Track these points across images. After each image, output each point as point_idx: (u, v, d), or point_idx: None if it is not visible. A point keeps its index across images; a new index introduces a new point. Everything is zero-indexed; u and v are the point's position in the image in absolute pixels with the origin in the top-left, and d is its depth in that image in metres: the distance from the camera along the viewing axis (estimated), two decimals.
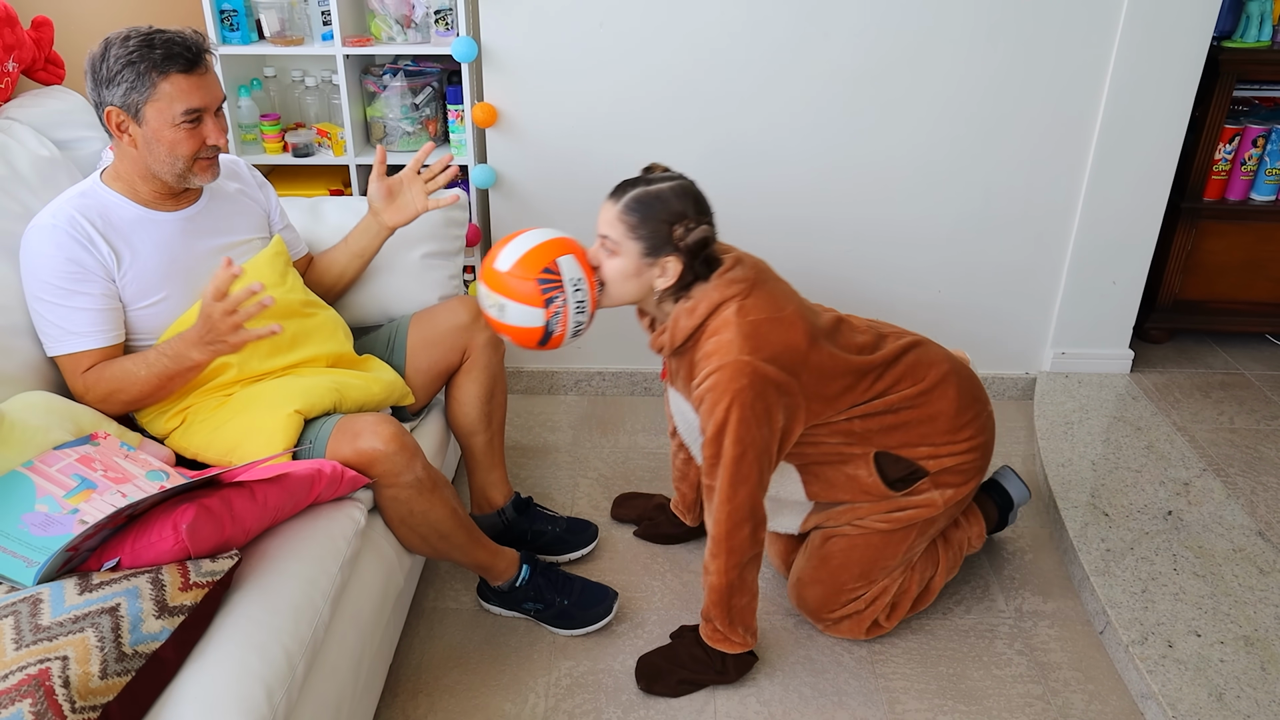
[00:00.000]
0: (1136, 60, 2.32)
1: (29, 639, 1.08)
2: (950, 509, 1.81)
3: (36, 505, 1.27)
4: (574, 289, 1.57)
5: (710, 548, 1.66)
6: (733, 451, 1.56)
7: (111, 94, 1.50)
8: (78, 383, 1.55)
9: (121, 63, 1.48)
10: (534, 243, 1.58)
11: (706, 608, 1.71)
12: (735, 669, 1.76)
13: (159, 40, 1.49)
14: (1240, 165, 2.71)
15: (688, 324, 1.61)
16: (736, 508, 1.60)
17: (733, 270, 1.61)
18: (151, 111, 1.51)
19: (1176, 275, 2.82)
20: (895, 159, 2.44)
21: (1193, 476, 2.26)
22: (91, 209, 1.56)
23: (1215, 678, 1.68)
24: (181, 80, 1.50)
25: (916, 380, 1.73)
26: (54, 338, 1.54)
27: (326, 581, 1.38)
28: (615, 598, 1.89)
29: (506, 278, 1.57)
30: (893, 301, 2.56)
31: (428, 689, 1.75)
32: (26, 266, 1.55)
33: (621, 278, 1.60)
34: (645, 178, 1.61)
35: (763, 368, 1.54)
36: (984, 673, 1.81)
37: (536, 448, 2.49)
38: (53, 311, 1.53)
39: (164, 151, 1.54)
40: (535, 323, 1.57)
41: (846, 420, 1.70)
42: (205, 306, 1.44)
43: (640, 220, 1.55)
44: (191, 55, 1.51)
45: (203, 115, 1.54)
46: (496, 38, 2.32)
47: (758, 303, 1.59)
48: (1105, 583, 1.91)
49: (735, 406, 1.54)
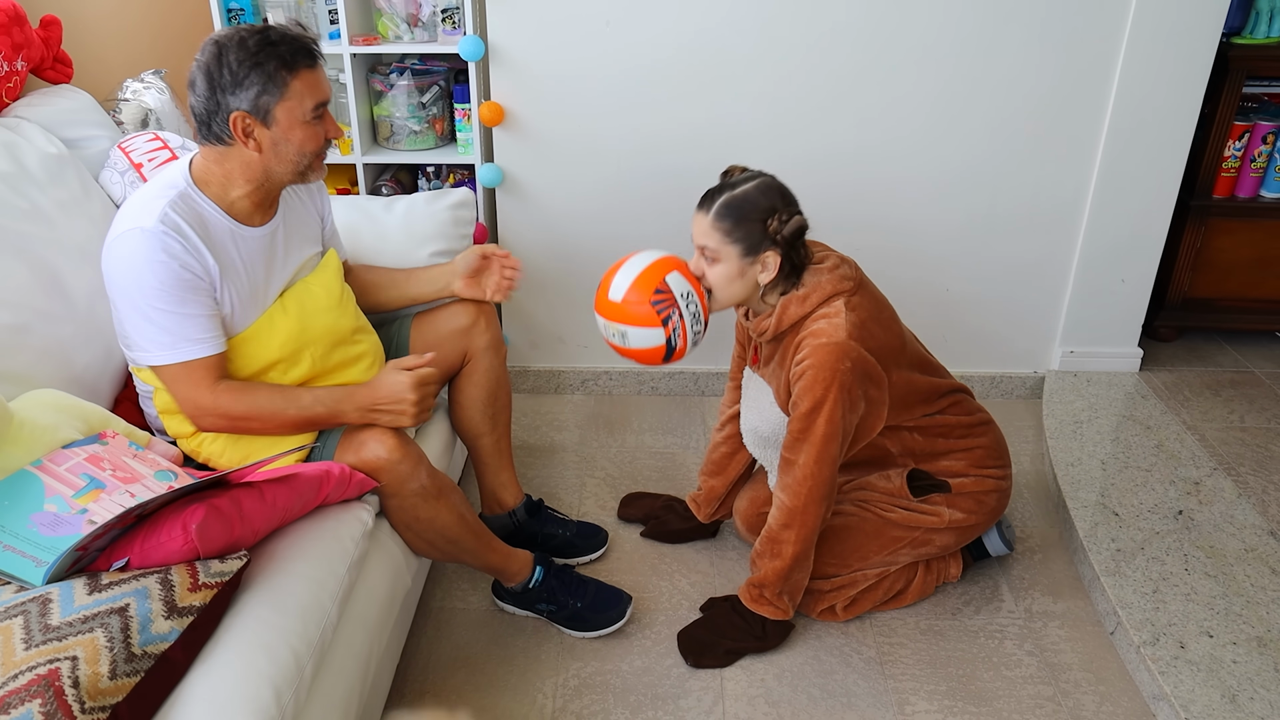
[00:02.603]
0: (1145, 57, 2.30)
1: (38, 639, 1.08)
2: (949, 532, 1.86)
3: (45, 505, 1.26)
4: (686, 303, 1.65)
5: (782, 519, 1.73)
6: (825, 430, 1.64)
7: (238, 99, 1.43)
8: (204, 395, 1.48)
9: (246, 65, 1.42)
10: (640, 267, 1.66)
11: (763, 575, 1.78)
12: (776, 634, 1.83)
13: (278, 37, 1.44)
14: (1250, 162, 2.70)
15: (798, 311, 1.67)
16: (820, 484, 1.68)
17: (841, 268, 1.69)
18: (282, 111, 1.46)
19: (1186, 273, 2.80)
20: (902, 157, 2.43)
21: (1203, 476, 2.24)
22: (192, 215, 1.47)
23: (1228, 679, 1.67)
24: (309, 75, 1.47)
25: (967, 413, 1.86)
26: (166, 345, 1.46)
27: (335, 583, 1.37)
28: (629, 602, 1.88)
29: (623, 306, 1.66)
30: (900, 300, 2.52)
31: (435, 689, 1.75)
32: (128, 272, 1.44)
33: (727, 281, 1.66)
34: (727, 182, 1.67)
35: (866, 356, 1.63)
36: (994, 674, 1.80)
37: (543, 447, 2.49)
38: (166, 318, 1.44)
39: (293, 150, 1.49)
40: (657, 342, 1.66)
41: (909, 431, 1.80)
42: (401, 388, 1.54)
43: (734, 224, 1.61)
44: (310, 50, 1.48)
45: (324, 108, 1.51)
46: (504, 37, 2.32)
47: (864, 301, 1.68)
48: (1116, 583, 1.90)
49: (836, 387, 1.61)
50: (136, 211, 1.46)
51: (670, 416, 2.64)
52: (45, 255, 1.66)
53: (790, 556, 1.74)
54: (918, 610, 1.94)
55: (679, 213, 2.47)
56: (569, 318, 2.66)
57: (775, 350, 1.74)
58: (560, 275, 2.59)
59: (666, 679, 1.78)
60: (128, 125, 2.15)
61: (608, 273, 1.70)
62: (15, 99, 1.92)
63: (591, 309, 1.75)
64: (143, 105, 2.19)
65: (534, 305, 2.64)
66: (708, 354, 2.67)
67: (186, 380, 1.49)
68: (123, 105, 2.17)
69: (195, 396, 1.49)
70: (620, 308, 1.66)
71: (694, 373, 2.71)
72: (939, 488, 1.85)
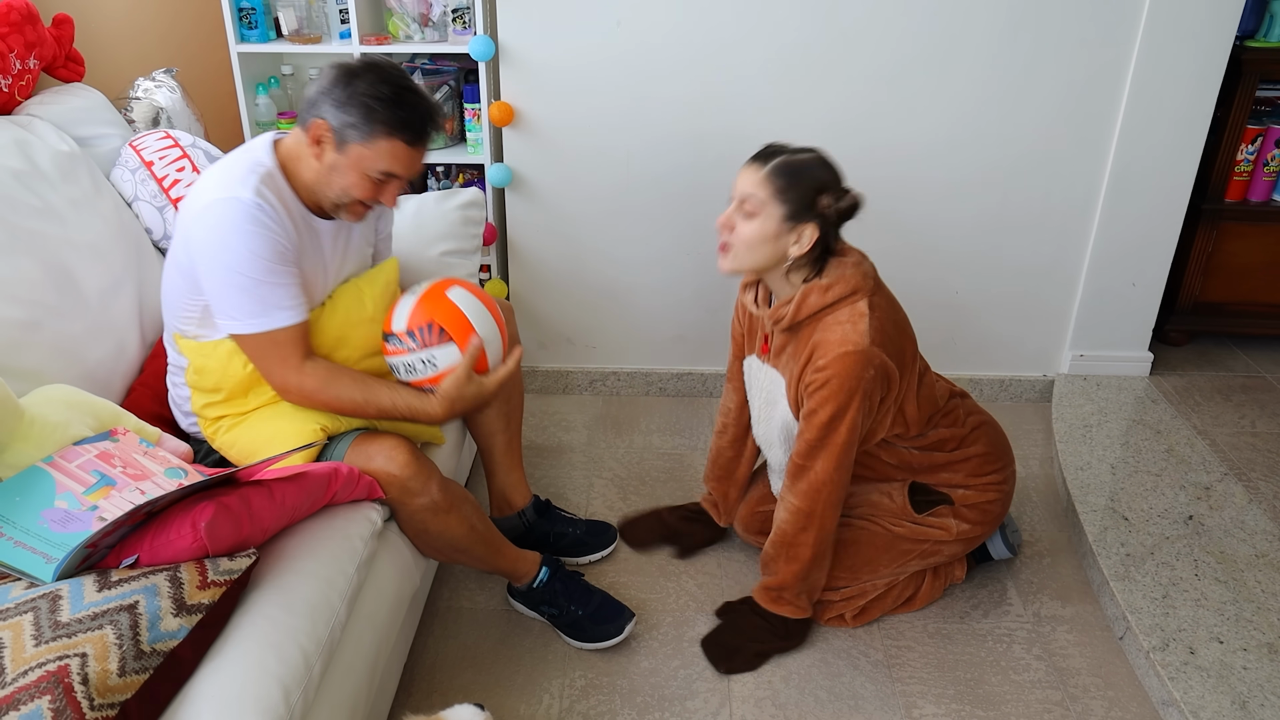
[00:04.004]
0: (1158, 60, 2.29)
1: (48, 635, 1.08)
2: (957, 543, 1.86)
3: (56, 501, 1.27)
4: (467, 305, 1.59)
5: (798, 522, 1.72)
6: (846, 437, 1.63)
7: (333, 114, 1.46)
8: (290, 373, 1.50)
9: (362, 99, 1.44)
10: (413, 299, 1.59)
11: (781, 578, 1.77)
12: (799, 632, 1.83)
13: (409, 101, 1.47)
14: (1263, 166, 2.69)
15: (818, 301, 1.63)
16: (837, 488, 1.69)
17: (864, 264, 1.67)
18: (357, 150, 1.47)
19: (1197, 277, 2.79)
20: (913, 159, 2.42)
21: (1214, 481, 2.23)
22: (277, 194, 1.50)
23: (1238, 685, 1.66)
24: (401, 148, 1.48)
25: (960, 421, 1.82)
26: (256, 313, 1.47)
27: (343, 581, 1.37)
28: (631, 619, 1.84)
29: (410, 335, 1.57)
30: (909, 302, 2.52)
31: (442, 689, 1.75)
32: (221, 239, 1.45)
33: (758, 240, 1.60)
34: (785, 146, 1.61)
35: (887, 361, 1.61)
36: (1002, 678, 1.79)
37: (551, 448, 2.49)
38: (258, 287, 1.46)
39: (339, 183, 1.51)
40: (455, 358, 1.58)
41: (905, 447, 1.78)
42: (485, 392, 1.58)
43: (789, 184, 1.56)
44: (424, 132, 1.49)
45: (396, 178, 1.52)
46: (514, 36, 2.32)
47: (883, 301, 1.66)
48: (1125, 588, 1.89)
49: (859, 395, 1.59)
50: (226, 182, 1.48)
51: (678, 417, 2.63)
52: (57, 252, 1.67)
53: (808, 559, 1.74)
54: (925, 613, 1.94)
55: (689, 213, 2.47)
56: (577, 318, 2.66)
57: (789, 340, 1.71)
58: (569, 275, 2.59)
59: (673, 680, 1.77)
60: (139, 123, 2.16)
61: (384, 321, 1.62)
62: (28, 97, 1.93)
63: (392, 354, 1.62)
64: (154, 103, 2.20)
65: (542, 306, 2.64)
66: (717, 354, 2.66)
67: (275, 354, 1.50)
68: (134, 103, 2.18)
69: (283, 373, 1.51)
70: (409, 337, 1.57)
71: (702, 374, 2.71)
72: (942, 500, 1.84)
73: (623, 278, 2.59)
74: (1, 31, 1.82)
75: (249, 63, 2.51)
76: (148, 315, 1.85)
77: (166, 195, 1.96)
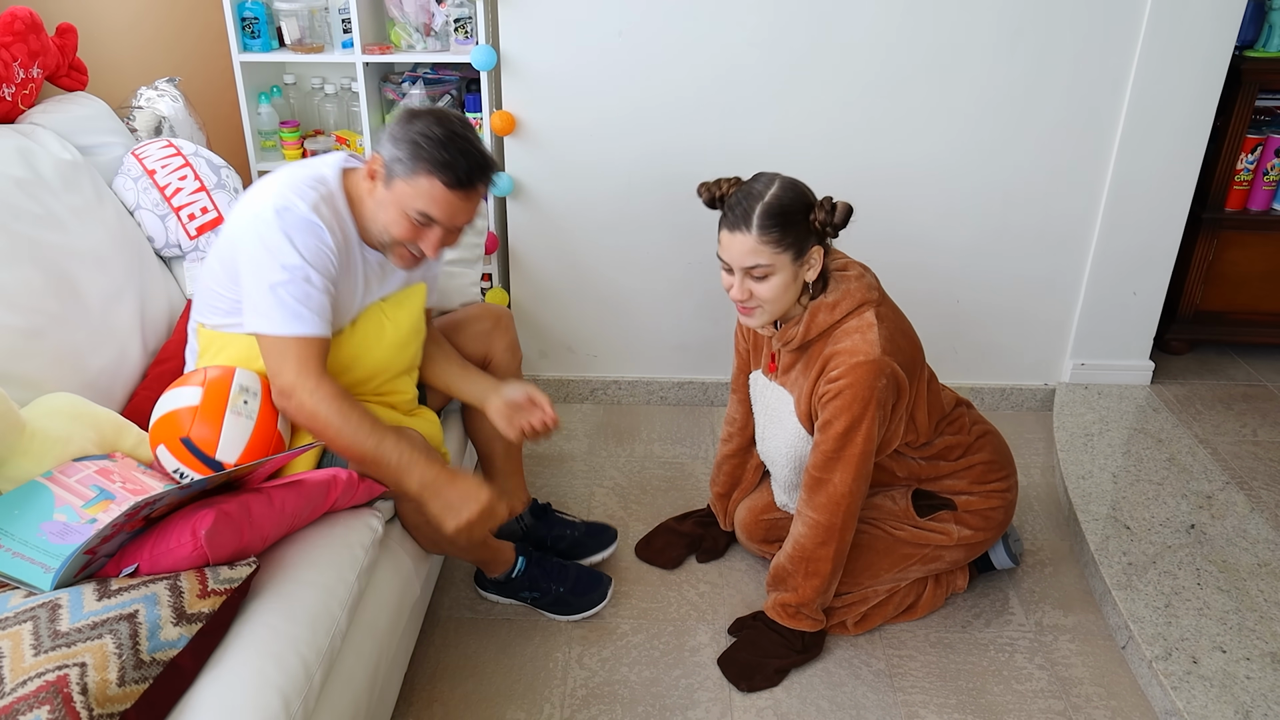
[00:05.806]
0: (1158, 70, 2.30)
1: (47, 644, 1.08)
2: (958, 549, 1.86)
3: (55, 514, 1.27)
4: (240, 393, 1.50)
5: (818, 537, 1.71)
6: (862, 448, 1.63)
7: (388, 148, 1.49)
8: (306, 385, 1.46)
9: (413, 136, 1.46)
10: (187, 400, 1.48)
11: (801, 595, 1.77)
12: (815, 644, 1.83)
13: (457, 144, 1.47)
14: (1262, 175, 2.69)
15: (827, 319, 1.64)
16: (855, 499, 1.69)
17: (866, 275, 1.67)
18: (400, 188, 1.49)
19: (1197, 286, 2.79)
20: (914, 169, 2.43)
21: (1215, 489, 2.23)
22: (334, 213, 1.52)
23: (1241, 695, 1.65)
24: (440, 190, 1.48)
25: (965, 430, 1.83)
26: (290, 315, 1.46)
27: (344, 590, 1.37)
28: (610, 583, 1.92)
29: (200, 423, 1.45)
30: (911, 312, 2.52)
31: (443, 698, 1.74)
32: (269, 241, 1.45)
33: (782, 291, 1.60)
34: (749, 191, 1.58)
35: (898, 370, 1.61)
36: (1004, 687, 1.79)
37: (552, 456, 2.49)
38: (296, 289, 1.46)
39: (383, 219, 1.53)
40: (249, 429, 1.48)
41: (912, 458, 1.79)
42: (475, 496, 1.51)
43: (782, 229, 1.55)
44: (465, 178, 1.48)
45: (435, 224, 1.52)
46: (516, 46, 2.33)
47: (889, 312, 1.66)
48: (1127, 597, 1.88)
49: (873, 404, 1.60)
50: (287, 191, 1.49)
51: (679, 426, 2.63)
52: (59, 260, 1.67)
53: (828, 574, 1.74)
54: (927, 623, 1.93)
55: (689, 223, 2.47)
56: (579, 327, 2.66)
57: (798, 359, 1.72)
58: (570, 284, 2.59)
59: (675, 690, 1.77)
60: (141, 132, 2.16)
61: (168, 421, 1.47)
62: (31, 106, 1.94)
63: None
64: (156, 112, 2.20)
65: (543, 315, 2.64)
66: (718, 363, 2.66)
67: (296, 360, 1.47)
68: (137, 112, 2.18)
69: (297, 382, 1.46)
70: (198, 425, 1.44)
71: (703, 383, 2.71)
72: (945, 505, 1.84)
73: (624, 286, 2.59)
74: (5, 40, 1.82)
75: (251, 72, 2.51)
76: (149, 323, 1.85)
77: (169, 204, 1.96)
